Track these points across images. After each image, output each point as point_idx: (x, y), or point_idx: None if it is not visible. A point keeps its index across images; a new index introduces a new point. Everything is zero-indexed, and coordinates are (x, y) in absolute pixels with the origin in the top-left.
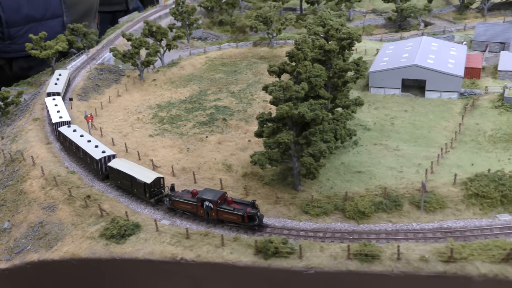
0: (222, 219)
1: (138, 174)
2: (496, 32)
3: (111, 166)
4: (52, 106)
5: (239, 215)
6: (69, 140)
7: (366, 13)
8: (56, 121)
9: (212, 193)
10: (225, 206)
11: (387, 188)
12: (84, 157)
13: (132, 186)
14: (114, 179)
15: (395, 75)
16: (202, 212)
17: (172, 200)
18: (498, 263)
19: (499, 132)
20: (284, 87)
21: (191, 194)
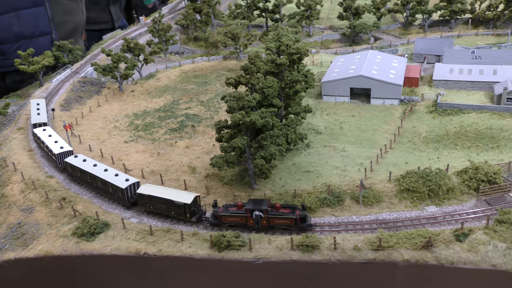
0: (273, 225)
1: (174, 197)
2: (432, 46)
3: (142, 193)
4: (47, 137)
5: (292, 218)
6: (81, 170)
7: (324, 29)
8: (58, 152)
9: (259, 202)
10: (275, 213)
11: (331, 186)
12: (103, 187)
13: (169, 209)
14: (145, 205)
15: (344, 85)
16: (252, 222)
17: (218, 215)
18: (419, 250)
19: (432, 133)
20: (237, 97)
21: (237, 207)
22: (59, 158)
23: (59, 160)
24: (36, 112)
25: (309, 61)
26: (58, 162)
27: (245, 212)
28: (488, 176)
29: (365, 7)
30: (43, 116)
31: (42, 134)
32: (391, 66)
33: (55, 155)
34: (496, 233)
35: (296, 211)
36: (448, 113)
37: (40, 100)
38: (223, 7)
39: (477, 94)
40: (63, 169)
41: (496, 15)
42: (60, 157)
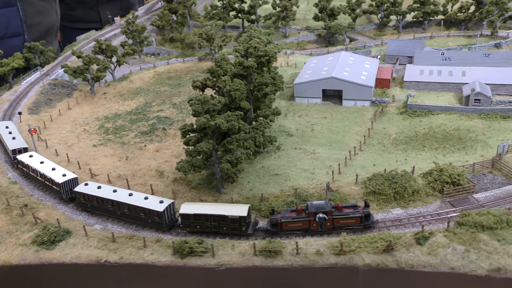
0: (338, 226)
1: (226, 211)
2: (404, 47)
3: (186, 213)
4: (39, 165)
5: (358, 217)
6: (98, 198)
7: (301, 30)
8: (62, 181)
9: (320, 204)
10: (339, 213)
11: (298, 189)
12: (131, 213)
13: (220, 225)
14: (189, 225)
15: (316, 86)
16: (316, 225)
17: (278, 223)
18: (380, 254)
19: (402, 135)
20: (202, 100)
21: (296, 212)
22: (64, 188)
23: (65, 189)
24: (9, 136)
25: (283, 62)
26: (64, 192)
27: (308, 215)
28: (452, 177)
29: (340, 8)
30: (20, 140)
31: (32, 162)
32: (363, 68)
33: (59, 184)
34: (455, 235)
35: (359, 209)
36: (417, 114)
37: (7, 122)
38: (200, 8)
39: (446, 95)
40: (70, 199)
41: (468, 16)
42: (65, 187)
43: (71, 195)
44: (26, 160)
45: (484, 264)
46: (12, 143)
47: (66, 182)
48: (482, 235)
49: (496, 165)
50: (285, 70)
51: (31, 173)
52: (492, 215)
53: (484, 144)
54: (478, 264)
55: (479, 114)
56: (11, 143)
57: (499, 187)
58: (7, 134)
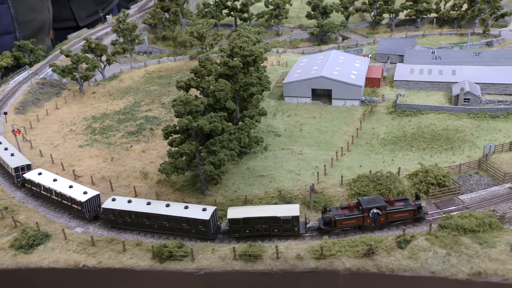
0: (391, 221)
1: (278, 212)
2: (395, 46)
3: (234, 217)
4: (52, 183)
5: (411, 210)
6: (132, 213)
7: (294, 28)
8: (86, 199)
9: (372, 200)
10: (393, 207)
11: (282, 191)
12: (173, 225)
13: (271, 227)
14: (239, 230)
15: (305, 86)
16: (370, 221)
17: (332, 221)
18: (361, 258)
19: (390, 135)
20: (185, 101)
21: (348, 209)
22: (87, 207)
23: (88, 208)
24: (6, 153)
25: (275, 61)
26: (87, 211)
27: (362, 212)
28: (437, 179)
29: (333, 6)
30: (20, 156)
31: (43, 180)
32: (353, 67)
33: (81, 203)
34: (437, 238)
35: (410, 202)
36: (407, 114)
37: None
38: (192, 6)
39: (436, 95)
40: (95, 217)
41: (460, 14)
42: (88, 205)
43: (94, 213)
44: (36, 179)
45: (464, 268)
46: (12, 161)
47: (89, 200)
48: (464, 238)
49: (482, 166)
50: (276, 69)
51: (43, 193)
52: (474, 218)
53: (471, 144)
54: (458, 268)
55: (468, 113)
56: (11, 161)
57: (484, 188)
58: (3, 151)
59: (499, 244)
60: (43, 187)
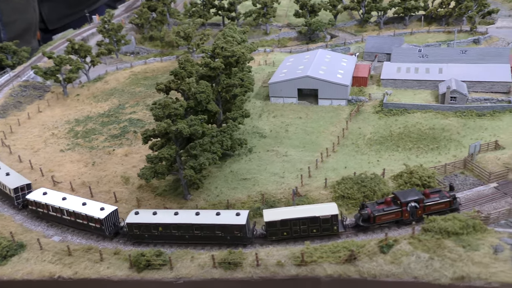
0: (428, 213)
1: (316, 212)
2: (383, 44)
3: (271, 220)
4: (66, 202)
5: (448, 201)
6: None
7: (282, 27)
8: (106, 216)
9: (408, 193)
10: (430, 200)
11: (265, 194)
12: (205, 233)
13: (310, 227)
14: (276, 233)
15: (291, 86)
16: (408, 215)
17: (371, 217)
18: (343, 263)
19: (376, 135)
20: (163, 104)
21: (385, 204)
22: (107, 223)
23: (108, 225)
24: (1, 172)
25: (262, 60)
26: (107, 228)
27: (400, 206)
28: (422, 180)
29: (321, 5)
30: (17, 175)
31: (51, 200)
32: (339, 66)
33: (100, 221)
34: (420, 242)
35: (445, 193)
36: (393, 113)
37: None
38: (180, 6)
39: (423, 93)
40: (115, 234)
41: (448, 12)
42: (108, 222)
43: (115, 229)
44: (42, 199)
45: (447, 272)
46: (10, 181)
47: (108, 216)
48: (447, 242)
49: (468, 166)
50: (263, 68)
51: (52, 213)
52: (458, 220)
53: (457, 143)
54: (441, 272)
55: (455, 112)
56: (8, 181)
57: (470, 188)
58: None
59: (482, 246)
60: (52, 207)
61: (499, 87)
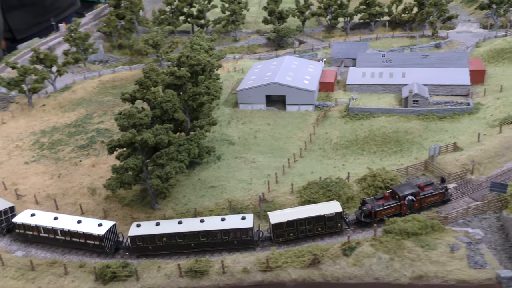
0: (424, 205)
1: (321, 211)
2: (348, 49)
3: (277, 222)
4: (59, 222)
5: (441, 192)
6: (174, 235)
7: (251, 33)
8: (105, 231)
9: (406, 187)
10: (425, 192)
11: (233, 201)
12: (212, 240)
13: (315, 226)
14: (283, 234)
15: (259, 92)
16: (405, 208)
17: (373, 212)
18: (307, 267)
19: (343, 139)
20: (128, 114)
21: (384, 199)
22: (107, 239)
23: (108, 241)
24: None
25: (231, 67)
26: (107, 244)
27: (399, 200)
28: (385, 182)
29: (289, 11)
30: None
31: (42, 221)
32: (306, 72)
33: (100, 237)
34: (381, 244)
35: (437, 185)
36: (359, 117)
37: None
38: (149, 14)
39: (388, 97)
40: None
41: (411, 17)
42: (108, 237)
43: (115, 245)
44: (31, 221)
45: (407, 272)
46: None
47: (108, 232)
48: (407, 242)
49: (428, 167)
50: (232, 75)
51: (44, 235)
52: (417, 221)
53: (419, 146)
54: (401, 272)
55: (417, 115)
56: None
57: None
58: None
59: (440, 246)
60: (43, 228)
61: (458, 90)
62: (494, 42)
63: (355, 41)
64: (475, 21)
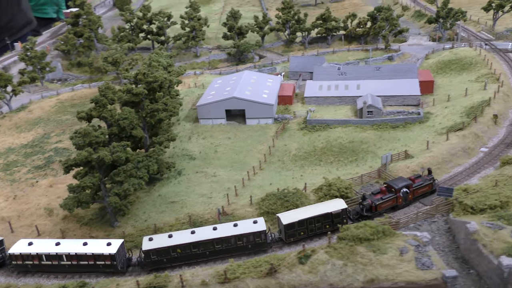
0: (416, 196)
1: (328, 209)
2: (306, 63)
3: (289, 222)
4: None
5: (429, 183)
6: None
7: (212, 49)
8: (117, 250)
9: (400, 180)
10: (416, 184)
11: (193, 216)
12: (227, 246)
13: (323, 224)
14: (294, 234)
15: (219, 107)
16: (401, 200)
17: (373, 206)
18: (264, 277)
19: (301, 151)
20: (83, 133)
21: (381, 193)
22: (119, 257)
23: (120, 259)
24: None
25: (192, 83)
26: (119, 262)
27: (395, 193)
28: (340, 191)
29: (248, 27)
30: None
31: (43, 249)
32: (265, 86)
33: (112, 256)
34: (335, 250)
35: (425, 177)
36: (317, 129)
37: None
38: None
39: (344, 109)
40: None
41: (365, 31)
42: (119, 256)
43: (127, 262)
44: (30, 250)
45: (359, 276)
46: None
47: (119, 250)
48: (359, 248)
49: (381, 175)
50: (192, 91)
51: (46, 262)
52: (369, 227)
53: (373, 155)
54: (354, 277)
55: (372, 125)
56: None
57: None
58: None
59: (390, 250)
60: (45, 256)
61: (410, 100)
62: (442, 54)
63: (312, 55)
64: (425, 34)
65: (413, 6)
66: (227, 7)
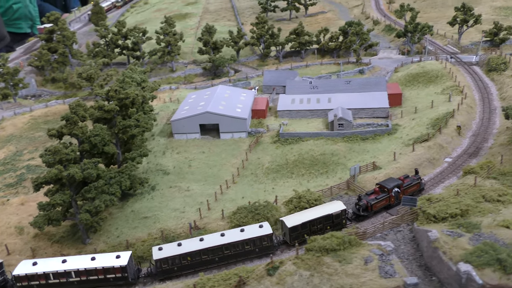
0: (407, 195)
1: (328, 210)
2: (279, 77)
3: (294, 225)
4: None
5: (417, 182)
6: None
7: (188, 63)
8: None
9: (391, 181)
10: (406, 184)
11: (165, 231)
12: (235, 251)
13: (325, 225)
14: (298, 236)
15: (193, 122)
16: (393, 199)
17: (369, 206)
18: None
19: (274, 164)
20: (53, 151)
21: (375, 193)
22: (130, 269)
23: (130, 270)
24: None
25: (167, 98)
26: (130, 274)
27: (388, 192)
28: (310, 203)
29: (223, 41)
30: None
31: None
32: (238, 100)
33: (123, 268)
34: (303, 261)
35: (412, 177)
36: (289, 142)
37: None
38: (83, 47)
39: (316, 122)
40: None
41: (337, 45)
42: (130, 266)
43: (138, 273)
44: (36, 270)
45: (325, 286)
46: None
47: (129, 261)
48: (326, 258)
49: (350, 186)
50: (168, 106)
51: (54, 281)
52: (335, 238)
53: (343, 166)
54: (320, 287)
55: (343, 137)
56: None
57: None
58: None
59: (355, 259)
60: (52, 274)
61: (379, 113)
62: (410, 67)
63: (286, 68)
64: (394, 48)
65: (384, 21)
66: (202, 22)
